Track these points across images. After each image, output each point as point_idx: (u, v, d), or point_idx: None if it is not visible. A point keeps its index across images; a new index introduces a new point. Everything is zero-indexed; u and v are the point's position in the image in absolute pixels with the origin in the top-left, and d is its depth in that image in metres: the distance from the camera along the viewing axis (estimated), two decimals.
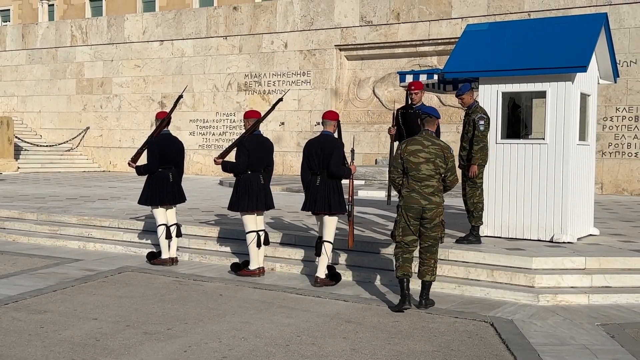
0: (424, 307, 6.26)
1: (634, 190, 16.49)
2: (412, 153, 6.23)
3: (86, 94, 25.03)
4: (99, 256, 8.97)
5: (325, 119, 7.39)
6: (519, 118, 8.84)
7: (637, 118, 16.46)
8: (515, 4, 17.90)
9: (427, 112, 6.43)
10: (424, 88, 8.18)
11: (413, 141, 6.32)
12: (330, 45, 20.65)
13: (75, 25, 25.33)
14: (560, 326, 5.81)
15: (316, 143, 7.28)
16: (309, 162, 7.34)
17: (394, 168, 6.37)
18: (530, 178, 8.20)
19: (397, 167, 6.33)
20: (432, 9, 19.08)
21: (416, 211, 6.19)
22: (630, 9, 16.49)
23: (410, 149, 6.25)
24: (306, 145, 7.40)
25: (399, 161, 6.30)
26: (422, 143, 6.26)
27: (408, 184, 6.24)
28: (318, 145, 7.24)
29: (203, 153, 22.65)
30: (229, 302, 6.56)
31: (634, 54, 16.41)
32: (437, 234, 6.25)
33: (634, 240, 8.53)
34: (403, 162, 6.27)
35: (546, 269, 7.09)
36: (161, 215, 8.36)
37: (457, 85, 9.72)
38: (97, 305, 6.38)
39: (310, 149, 7.31)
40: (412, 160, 6.21)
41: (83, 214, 10.85)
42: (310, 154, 7.30)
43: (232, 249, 8.79)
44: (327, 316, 6.08)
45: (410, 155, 6.23)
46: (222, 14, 22.45)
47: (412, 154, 6.22)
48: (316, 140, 7.31)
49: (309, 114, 21.03)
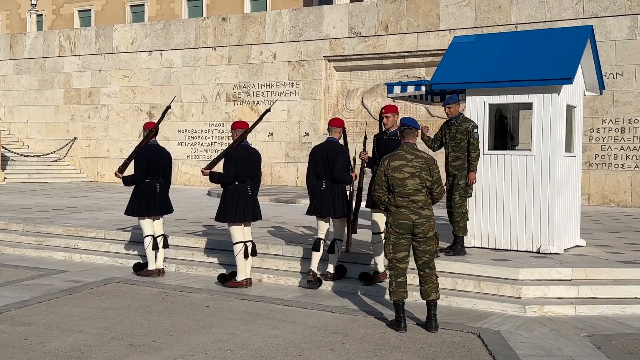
0: (435, 330, 5.94)
1: (621, 201, 16.60)
2: (396, 169, 5.95)
3: (74, 104, 24.95)
4: (84, 267, 8.90)
5: (330, 126, 7.66)
6: (505, 129, 8.88)
7: (624, 130, 16.60)
8: (502, 16, 18.04)
9: (407, 124, 6.13)
10: (397, 111, 7.52)
11: (395, 156, 6.02)
12: (319, 56, 20.71)
13: (63, 36, 25.27)
14: (546, 337, 5.81)
15: (322, 149, 7.55)
16: (314, 167, 7.59)
17: (379, 186, 6.06)
18: (517, 189, 8.23)
19: (381, 185, 6.05)
20: (420, 21, 19.20)
21: (407, 227, 5.94)
22: (616, 21, 16.67)
23: (394, 165, 5.96)
24: (312, 151, 7.65)
25: (383, 179, 6.01)
26: (405, 157, 5.98)
27: (395, 201, 5.98)
28: (323, 151, 7.51)
29: (191, 163, 22.60)
30: (216, 313, 6.52)
31: (620, 66, 16.57)
32: (431, 247, 6.01)
33: (620, 251, 8.57)
34: (387, 179, 5.99)
35: (533, 280, 7.11)
36: (148, 226, 8.32)
37: (445, 96, 9.78)
38: (82, 317, 6.32)
39: (315, 155, 7.57)
40: (397, 176, 5.93)
41: (69, 224, 10.78)
42: (316, 160, 7.55)
43: (219, 260, 8.76)
44: (314, 327, 6.05)
45: (394, 172, 5.94)
46: (211, 24, 22.48)
47: (396, 170, 5.94)
48: (322, 146, 7.59)
49: (297, 124, 21.05)
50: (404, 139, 6.15)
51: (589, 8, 16.99)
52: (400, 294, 6.01)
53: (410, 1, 19.66)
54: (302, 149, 20.94)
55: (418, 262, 6.07)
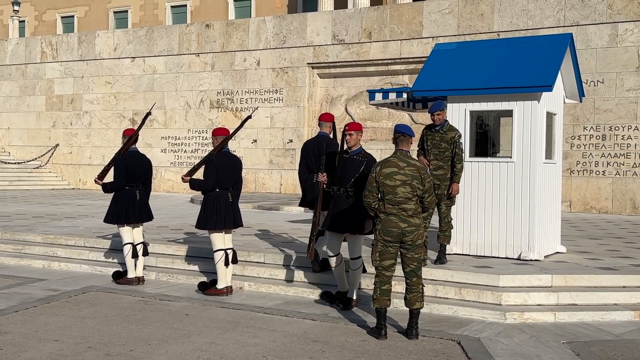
0: (415, 337, 5.92)
1: (602, 207, 16.72)
2: (388, 176, 5.90)
3: (56, 110, 24.76)
4: (63, 276, 8.80)
5: (321, 121, 7.89)
6: (487, 136, 8.91)
7: (605, 137, 16.74)
8: (484, 24, 18.15)
9: (402, 131, 6.09)
10: (361, 130, 6.99)
11: (387, 163, 5.98)
12: (302, 63, 20.71)
13: (45, 42, 25.09)
14: (526, 344, 5.81)
15: (313, 143, 7.80)
16: (306, 161, 7.79)
17: (369, 192, 5.99)
18: (498, 196, 8.25)
19: (372, 192, 5.99)
20: (404, 29, 19.27)
21: (396, 235, 5.89)
22: (597, 29, 16.82)
23: (386, 172, 5.92)
24: (304, 146, 7.90)
25: (374, 185, 5.96)
26: (397, 165, 5.94)
27: (385, 208, 5.94)
28: (315, 145, 7.74)
29: (175, 170, 22.48)
30: (195, 322, 6.46)
31: (601, 74, 16.72)
32: (420, 255, 5.96)
33: (601, 257, 8.61)
34: (378, 185, 5.94)
35: (513, 286, 7.12)
36: (127, 233, 8.24)
37: (427, 103, 9.80)
38: (59, 326, 6.24)
39: (307, 149, 7.79)
40: (388, 183, 5.89)
41: (48, 232, 10.66)
42: (308, 154, 7.76)
43: (200, 268, 8.69)
44: (294, 336, 6.01)
45: (385, 179, 5.90)
46: (195, 31, 22.42)
47: (388, 177, 5.90)
48: (313, 141, 7.82)
49: (281, 131, 21.02)
50: (397, 146, 6.10)
51: (570, 16, 17.14)
52: (383, 301, 5.98)
53: (394, 9, 19.74)
54: (285, 155, 20.91)
55: (405, 270, 6.02)
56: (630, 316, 6.66)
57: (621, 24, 16.59)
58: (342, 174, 6.86)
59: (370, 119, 20.44)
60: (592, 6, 16.90)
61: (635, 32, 16.44)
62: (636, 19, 16.45)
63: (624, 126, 16.53)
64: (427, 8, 19.03)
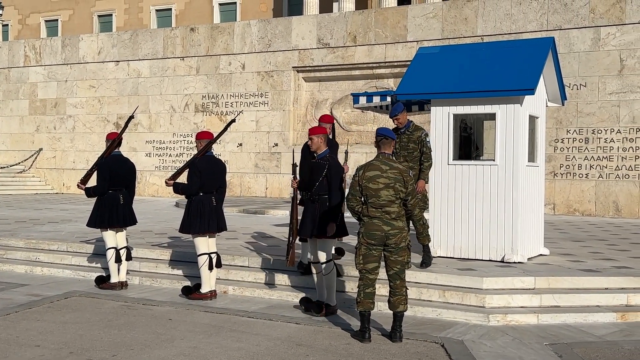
0: (399, 340, 5.91)
1: (585, 210, 16.84)
2: (371, 179, 5.90)
3: (39, 114, 24.58)
4: (45, 281, 8.73)
5: (321, 122, 7.85)
6: (470, 139, 8.95)
7: (588, 140, 16.87)
8: (468, 28, 18.25)
9: (383, 134, 6.09)
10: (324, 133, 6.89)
11: (370, 166, 5.98)
12: (287, 67, 20.72)
13: (28, 46, 24.92)
14: (509, 346, 5.84)
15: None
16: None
17: (352, 196, 5.97)
18: (482, 199, 8.29)
19: (355, 195, 5.97)
20: (388, 32, 19.33)
21: (379, 238, 5.89)
22: (579, 33, 16.97)
23: (369, 175, 5.93)
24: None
25: (357, 188, 5.95)
26: (380, 168, 5.94)
27: (368, 211, 5.95)
28: None
29: (159, 174, 22.37)
30: (178, 326, 6.43)
31: (584, 77, 16.86)
32: (403, 258, 5.96)
33: (583, 259, 8.67)
34: (362, 189, 5.94)
35: (497, 289, 7.15)
36: (110, 238, 8.19)
37: (411, 106, 9.84)
38: (40, 331, 6.18)
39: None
40: (371, 187, 5.89)
41: (31, 237, 10.57)
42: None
43: (184, 272, 8.65)
44: (278, 339, 6.00)
45: (369, 182, 5.90)
46: (179, 34, 22.36)
47: (371, 181, 5.90)
48: None
49: (266, 135, 21.01)
50: (379, 149, 6.10)
51: (553, 20, 17.28)
52: (367, 304, 5.98)
53: (378, 12, 19.80)
54: (271, 159, 20.89)
55: (389, 272, 6.02)
56: (612, 318, 6.71)
57: (603, 28, 16.75)
58: (309, 178, 6.93)
59: (355, 123, 20.48)
60: (575, 10, 17.05)
61: (617, 36, 16.60)
62: (618, 23, 16.62)
63: (606, 129, 16.67)
64: (411, 12, 19.11)
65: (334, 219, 6.67)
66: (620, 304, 7.02)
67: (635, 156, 16.37)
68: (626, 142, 16.47)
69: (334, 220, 6.67)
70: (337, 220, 6.69)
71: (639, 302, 7.05)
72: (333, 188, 6.73)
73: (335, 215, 6.72)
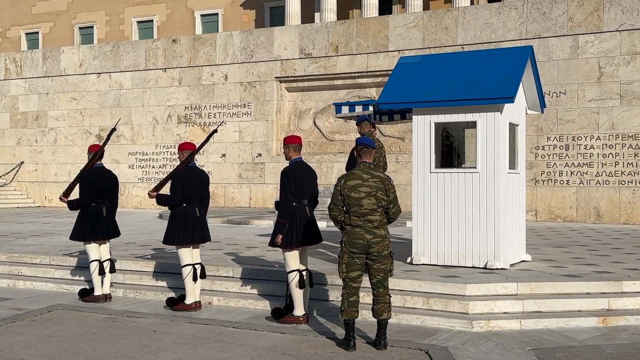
0: (384, 348, 5.93)
1: (567, 216, 17.01)
2: (352, 188, 5.92)
3: (20, 127, 24.42)
4: (28, 294, 8.67)
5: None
6: (452, 147, 9.03)
7: (568, 147, 17.06)
8: (449, 37, 18.43)
9: (364, 143, 6.16)
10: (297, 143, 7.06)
11: (352, 175, 6.00)
12: (270, 77, 20.78)
13: (9, 58, 24.78)
14: (492, 352, 5.89)
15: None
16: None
17: (335, 205, 6.01)
18: (464, 206, 8.36)
19: (337, 204, 6.00)
20: (370, 42, 19.46)
21: (361, 246, 5.91)
22: (558, 42, 17.20)
23: (350, 184, 5.94)
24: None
25: (339, 198, 5.97)
26: (361, 177, 5.96)
27: (350, 220, 5.97)
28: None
29: (143, 186, 22.29)
30: (163, 338, 6.41)
31: (563, 85, 17.07)
32: (386, 266, 5.98)
33: (565, 265, 8.77)
34: (344, 198, 5.96)
35: (480, 295, 7.21)
36: (94, 250, 8.16)
37: (393, 115, 9.92)
38: (24, 345, 6.14)
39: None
40: (353, 196, 5.91)
41: (13, 250, 10.49)
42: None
43: (168, 284, 8.63)
44: (263, 349, 6.00)
45: (350, 191, 5.92)
46: (161, 46, 22.35)
47: (353, 190, 5.92)
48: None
49: (250, 145, 21.02)
50: (360, 158, 6.15)
51: (532, 29, 17.50)
52: (351, 313, 6.00)
53: (360, 22, 19.94)
54: (255, 169, 20.90)
55: (372, 281, 6.05)
56: (594, 322, 6.78)
57: (582, 36, 16.99)
58: None
59: (338, 132, 20.57)
60: (554, 19, 17.29)
61: (595, 44, 16.84)
62: (596, 31, 16.86)
63: (586, 136, 16.88)
64: (392, 22, 19.27)
65: (280, 230, 6.83)
66: (602, 308, 7.11)
67: (615, 162, 16.59)
68: (606, 148, 16.69)
69: (281, 231, 6.82)
70: (282, 231, 6.81)
71: (619, 307, 7.14)
72: (280, 196, 6.93)
73: (279, 226, 6.86)
